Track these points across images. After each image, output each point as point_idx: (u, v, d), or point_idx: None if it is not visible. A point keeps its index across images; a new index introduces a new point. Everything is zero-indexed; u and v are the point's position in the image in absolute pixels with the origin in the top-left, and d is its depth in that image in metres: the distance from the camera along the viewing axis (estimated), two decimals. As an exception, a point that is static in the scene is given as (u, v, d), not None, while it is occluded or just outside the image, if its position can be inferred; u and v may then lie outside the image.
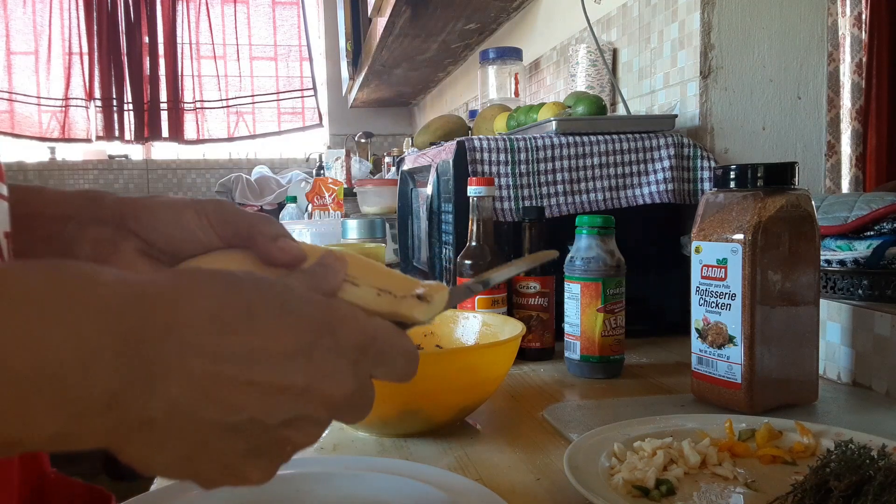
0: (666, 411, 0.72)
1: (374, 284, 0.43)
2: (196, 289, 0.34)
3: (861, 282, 0.83)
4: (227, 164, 4.24)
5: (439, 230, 1.17)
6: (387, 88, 3.40)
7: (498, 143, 1.07)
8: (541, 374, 0.92)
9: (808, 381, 0.74)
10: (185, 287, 0.34)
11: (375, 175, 2.94)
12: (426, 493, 0.53)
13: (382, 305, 0.43)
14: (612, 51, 1.45)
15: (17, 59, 4.02)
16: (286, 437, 0.35)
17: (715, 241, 0.73)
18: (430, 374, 0.66)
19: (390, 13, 2.04)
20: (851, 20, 2.71)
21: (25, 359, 0.29)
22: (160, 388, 0.32)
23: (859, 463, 0.49)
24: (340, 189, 2.21)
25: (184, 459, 0.34)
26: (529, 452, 0.65)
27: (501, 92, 1.87)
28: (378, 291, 0.43)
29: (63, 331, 0.30)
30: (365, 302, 0.43)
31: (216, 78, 4.23)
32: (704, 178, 1.10)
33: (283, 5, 4.31)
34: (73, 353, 0.30)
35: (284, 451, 0.36)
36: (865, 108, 2.72)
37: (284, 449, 0.36)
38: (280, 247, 0.43)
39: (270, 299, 0.35)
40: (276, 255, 0.43)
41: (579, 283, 0.88)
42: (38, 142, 4.07)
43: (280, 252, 0.43)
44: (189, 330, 0.33)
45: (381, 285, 0.43)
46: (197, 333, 0.33)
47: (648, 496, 0.53)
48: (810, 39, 1.18)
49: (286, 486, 0.56)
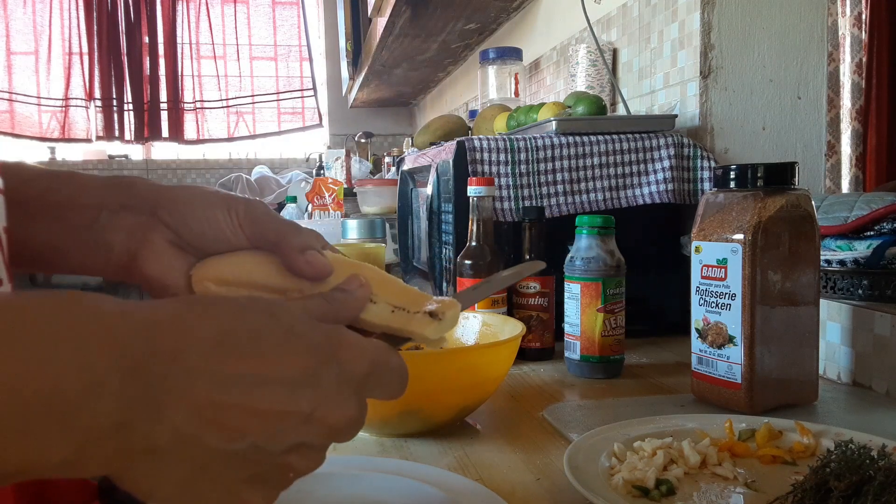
0: (666, 411, 0.72)
1: (391, 301, 0.44)
2: (201, 316, 0.34)
3: (861, 282, 0.83)
4: (227, 164, 4.24)
5: (439, 230, 1.17)
6: (387, 88, 3.40)
7: (498, 143, 1.07)
8: (541, 374, 0.92)
9: (808, 381, 0.74)
10: (189, 315, 0.34)
11: (375, 175, 2.94)
12: (426, 493, 0.53)
13: (395, 322, 0.43)
14: (612, 51, 1.45)
15: (17, 59, 4.02)
16: (288, 464, 0.36)
17: (715, 241, 0.73)
18: (430, 374, 0.66)
19: (390, 13, 2.04)
20: (851, 20, 2.71)
21: (32, 387, 0.29)
22: (165, 416, 0.32)
23: (859, 463, 0.49)
24: (340, 189, 2.21)
25: (185, 485, 0.33)
26: (529, 452, 0.65)
27: (501, 92, 1.87)
28: (393, 308, 0.43)
29: (70, 360, 0.30)
30: (380, 319, 0.43)
31: (216, 78, 4.23)
32: (704, 178, 1.10)
33: (283, 5, 4.31)
34: (80, 382, 0.30)
35: (286, 477, 0.36)
36: (865, 108, 2.72)
37: (286, 475, 0.36)
38: (307, 260, 0.43)
39: (276, 326, 0.35)
40: (302, 268, 0.44)
41: (579, 283, 0.88)
42: (38, 142, 4.07)
43: (306, 265, 0.43)
44: (194, 357, 0.32)
45: (396, 302, 0.44)
46: (202, 360, 0.33)
47: (648, 496, 0.53)
48: (810, 39, 1.18)
49: (286, 486, 0.56)
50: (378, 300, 0.43)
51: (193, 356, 0.32)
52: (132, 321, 0.32)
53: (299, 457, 0.36)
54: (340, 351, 0.37)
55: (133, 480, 0.33)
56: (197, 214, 0.45)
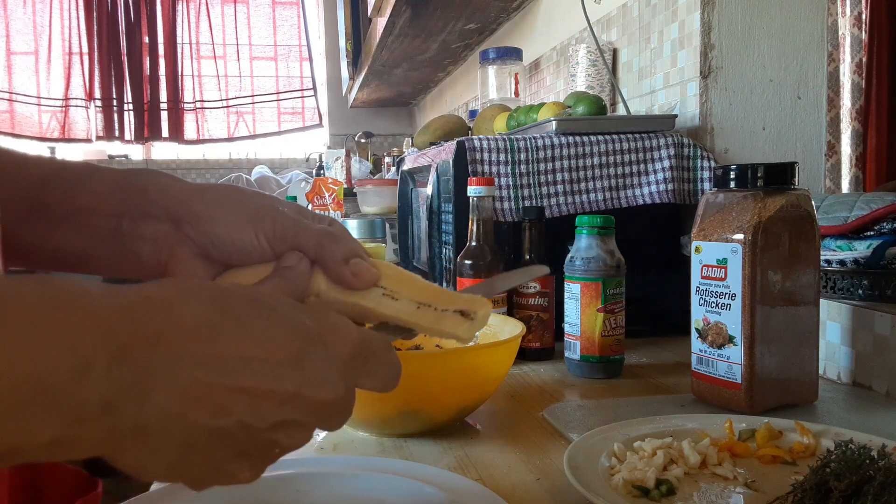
0: (666, 411, 0.72)
1: (414, 297, 0.43)
2: (185, 298, 0.35)
3: (861, 282, 0.83)
4: (227, 164, 4.24)
5: (439, 230, 1.17)
6: (387, 88, 3.40)
7: (498, 143, 1.07)
8: (541, 374, 0.92)
9: (808, 381, 0.74)
10: (173, 296, 0.35)
11: (375, 175, 2.95)
12: (426, 493, 0.53)
13: (423, 319, 0.43)
14: (612, 51, 1.45)
15: (17, 59, 4.02)
16: (274, 440, 0.36)
17: (715, 241, 0.73)
18: (430, 374, 0.66)
19: (390, 13, 2.04)
20: (851, 20, 2.71)
21: (21, 368, 0.29)
22: (152, 396, 0.32)
23: (859, 463, 0.49)
24: (340, 189, 2.21)
25: (174, 463, 0.34)
26: (529, 452, 0.65)
27: (501, 92, 1.87)
28: (418, 305, 0.43)
29: (57, 340, 0.30)
30: (406, 315, 0.43)
31: (216, 78, 4.23)
32: (704, 178, 1.10)
33: (283, 5, 4.30)
34: (68, 362, 0.30)
35: (272, 452, 0.37)
36: (865, 108, 2.72)
37: (272, 451, 0.37)
38: (353, 271, 0.43)
39: (260, 308, 0.36)
40: (349, 280, 0.43)
41: (579, 283, 0.88)
42: (38, 142, 4.07)
43: (353, 277, 0.43)
44: (179, 337, 0.33)
45: (421, 298, 0.43)
46: (186, 340, 0.33)
47: (648, 496, 0.53)
48: (810, 39, 1.18)
49: (286, 486, 0.56)
50: (400, 297, 0.43)
51: (179, 338, 0.33)
52: (118, 303, 0.33)
53: (285, 434, 0.36)
54: (325, 332, 0.37)
55: (124, 459, 0.33)
56: (221, 234, 0.45)
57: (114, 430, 0.32)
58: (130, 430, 0.32)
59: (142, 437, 0.33)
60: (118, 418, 0.32)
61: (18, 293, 0.31)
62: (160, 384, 0.32)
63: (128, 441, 0.33)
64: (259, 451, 0.36)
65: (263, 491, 0.55)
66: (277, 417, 0.35)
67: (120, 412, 0.32)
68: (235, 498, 0.54)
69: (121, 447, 0.33)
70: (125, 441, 0.33)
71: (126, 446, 0.33)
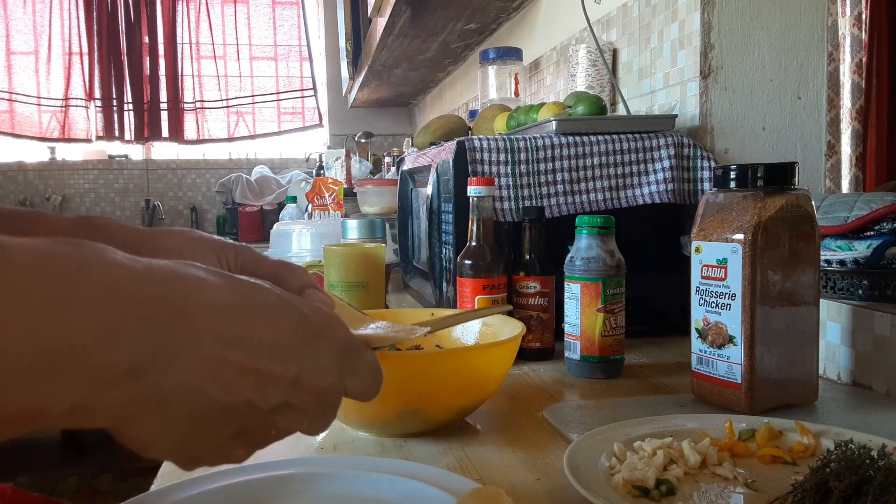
0: (666, 411, 0.72)
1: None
2: (207, 277, 0.37)
3: (861, 282, 0.83)
4: (227, 164, 4.24)
5: (439, 230, 1.17)
6: (387, 88, 3.40)
7: (498, 143, 1.07)
8: (541, 374, 0.92)
9: (808, 381, 0.74)
10: (198, 275, 0.37)
11: (375, 175, 2.94)
12: (426, 493, 0.53)
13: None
14: (612, 51, 1.45)
15: (17, 59, 4.02)
16: (273, 422, 0.39)
17: (715, 241, 0.73)
18: (430, 374, 0.66)
19: (390, 13, 2.04)
20: (851, 20, 2.71)
21: (50, 334, 0.30)
22: (174, 365, 0.34)
23: (859, 463, 0.49)
24: (340, 189, 2.21)
25: (183, 437, 0.36)
26: (529, 452, 0.65)
27: (501, 92, 1.87)
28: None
29: (86, 304, 0.31)
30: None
31: (216, 78, 4.23)
32: (704, 178, 1.10)
33: (283, 5, 4.31)
34: (97, 325, 0.31)
35: (269, 434, 0.39)
36: (865, 108, 2.72)
37: (269, 433, 0.39)
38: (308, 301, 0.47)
39: (270, 296, 0.39)
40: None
41: (579, 283, 0.88)
42: (38, 142, 4.07)
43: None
44: (202, 313, 0.35)
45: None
46: (209, 317, 0.35)
47: (648, 496, 0.53)
48: (810, 39, 1.18)
49: (286, 486, 0.56)
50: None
51: (202, 314, 0.35)
52: (140, 274, 0.34)
53: (283, 417, 0.39)
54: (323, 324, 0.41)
55: (134, 431, 0.34)
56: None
57: (135, 398, 0.33)
58: (150, 398, 0.33)
59: (159, 406, 0.34)
60: (142, 384, 0.33)
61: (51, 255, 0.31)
62: (182, 355, 0.34)
63: (145, 410, 0.33)
64: (258, 432, 0.38)
65: (263, 491, 0.55)
66: (280, 399, 0.38)
67: (144, 378, 0.33)
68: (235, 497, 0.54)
69: (137, 417, 0.34)
70: (143, 411, 0.33)
71: (142, 417, 0.34)
